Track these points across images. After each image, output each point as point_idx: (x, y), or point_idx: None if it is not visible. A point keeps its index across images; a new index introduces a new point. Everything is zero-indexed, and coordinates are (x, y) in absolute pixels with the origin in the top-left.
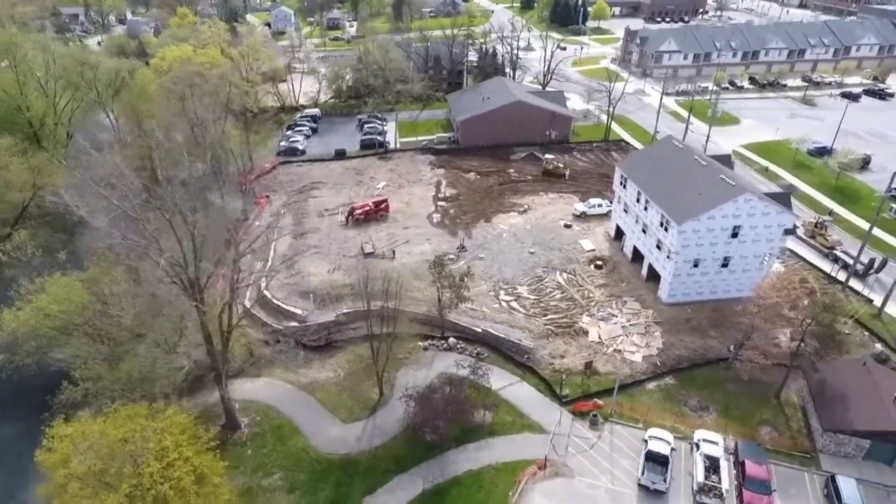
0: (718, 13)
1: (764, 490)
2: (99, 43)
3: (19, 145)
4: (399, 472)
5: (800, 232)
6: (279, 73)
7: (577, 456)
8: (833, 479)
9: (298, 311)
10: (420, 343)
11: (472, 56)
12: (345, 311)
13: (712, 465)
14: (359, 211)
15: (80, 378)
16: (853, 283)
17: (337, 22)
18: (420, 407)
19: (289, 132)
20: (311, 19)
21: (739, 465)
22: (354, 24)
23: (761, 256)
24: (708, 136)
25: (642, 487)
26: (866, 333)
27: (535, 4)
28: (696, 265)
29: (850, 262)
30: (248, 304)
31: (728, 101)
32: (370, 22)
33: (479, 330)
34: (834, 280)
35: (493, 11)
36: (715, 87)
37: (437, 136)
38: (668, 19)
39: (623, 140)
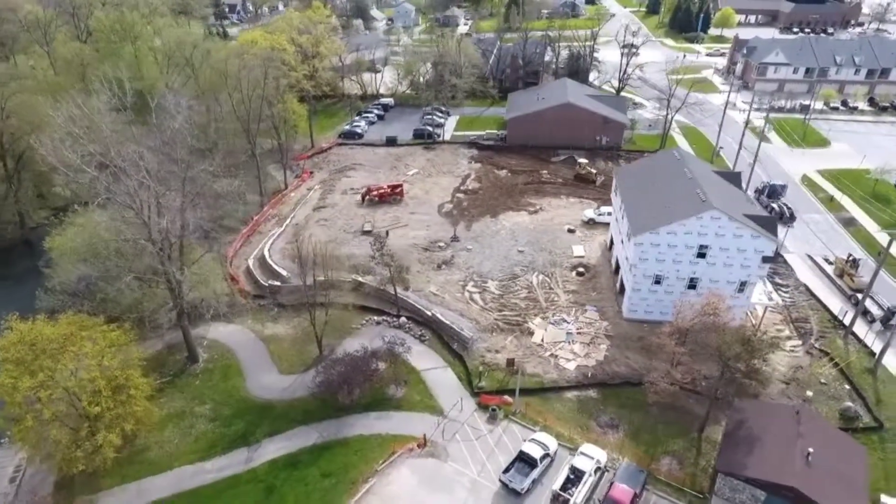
0: (876, 25)
1: None
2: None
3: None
4: (302, 423)
5: (829, 269)
6: (363, 64)
7: (461, 444)
8: None
9: (283, 273)
10: (374, 317)
11: (549, 57)
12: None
13: (576, 478)
14: (374, 192)
15: (57, 290)
16: (863, 329)
17: (450, 19)
18: (329, 370)
19: (357, 117)
20: (432, 16)
21: (609, 485)
22: (469, 22)
23: (736, 283)
24: (756, 157)
25: (504, 485)
26: (847, 386)
27: (660, 9)
28: (657, 282)
29: (877, 309)
30: (250, 262)
31: (826, 122)
32: (482, 21)
33: (429, 314)
34: (839, 324)
35: (613, 15)
36: (821, 106)
37: (487, 132)
38: (807, 30)
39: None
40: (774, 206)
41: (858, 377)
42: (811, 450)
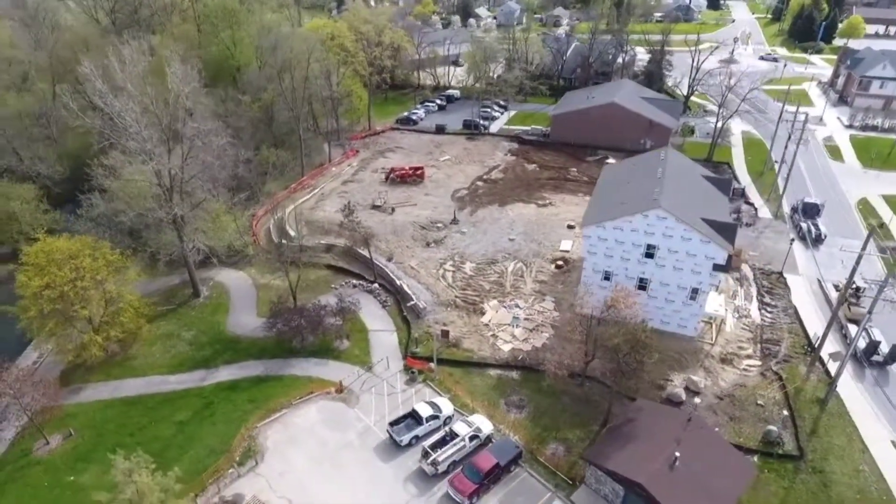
0: None
1: (474, 477)
2: None
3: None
4: (255, 358)
5: (832, 294)
6: (438, 58)
7: (373, 396)
8: None
9: (292, 233)
10: (353, 280)
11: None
12: (322, 241)
13: (449, 440)
14: (396, 172)
15: (85, 217)
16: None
17: (556, 19)
18: (284, 317)
19: (418, 106)
20: (538, 16)
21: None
22: (574, 23)
23: (687, 289)
24: (790, 170)
25: (390, 436)
26: (785, 412)
27: (783, 17)
28: (607, 278)
29: (863, 342)
30: (272, 221)
31: None
32: (584, 22)
33: (398, 283)
34: (811, 348)
35: (733, 21)
36: None
37: (532, 127)
38: None
39: (727, 163)
40: (803, 225)
41: (804, 405)
42: (678, 454)
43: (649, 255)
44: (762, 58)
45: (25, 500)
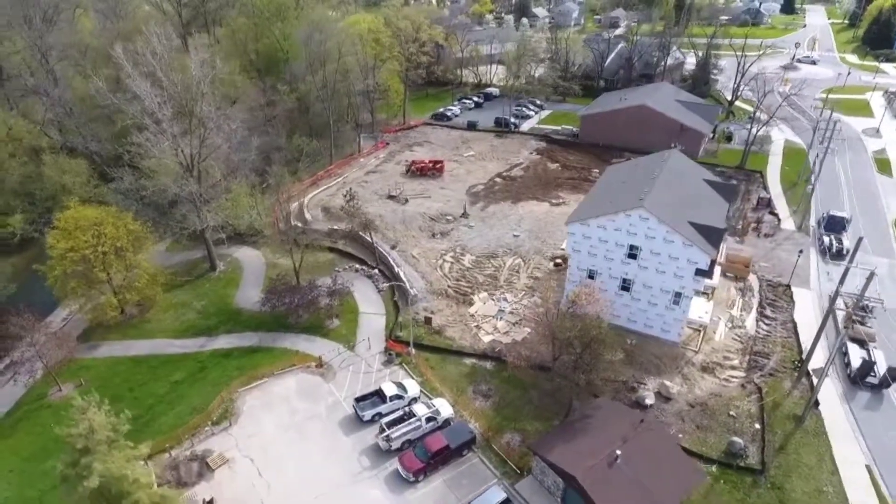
0: None
1: (422, 456)
2: None
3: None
4: (252, 330)
5: (840, 312)
6: (477, 55)
7: (350, 373)
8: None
9: (308, 217)
10: (356, 265)
11: (673, 61)
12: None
13: (406, 419)
14: (416, 165)
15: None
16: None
17: (614, 21)
18: (280, 294)
19: (455, 103)
20: (597, 17)
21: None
22: (634, 24)
23: (670, 293)
24: (816, 181)
25: (355, 412)
26: (757, 426)
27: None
28: (591, 276)
29: (857, 359)
30: (294, 205)
31: None
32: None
33: (396, 270)
34: (800, 363)
35: (804, 26)
36: None
37: (562, 127)
38: None
39: (760, 172)
40: (825, 238)
41: (779, 421)
42: (619, 452)
43: (632, 256)
44: (799, 60)
45: (33, 437)
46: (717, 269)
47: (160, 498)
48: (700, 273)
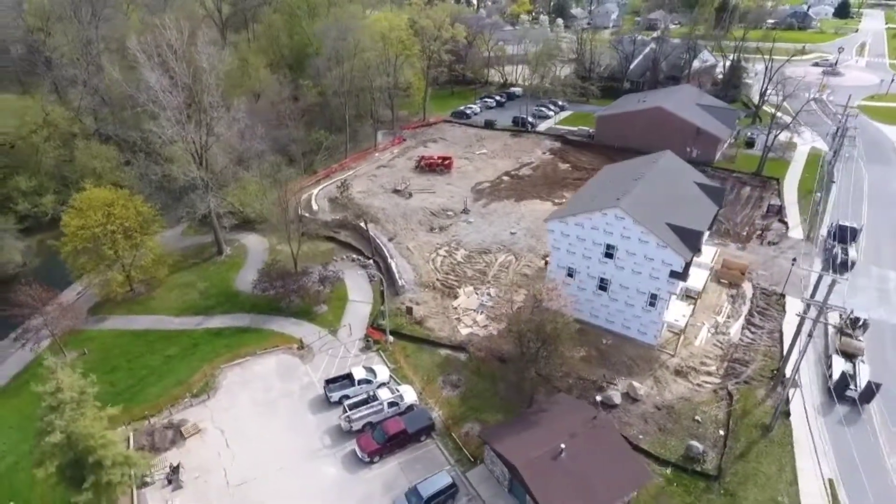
0: None
1: (379, 438)
2: None
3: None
4: (245, 312)
5: (832, 323)
6: (504, 55)
7: (328, 356)
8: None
9: (315, 208)
10: (353, 255)
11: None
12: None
13: (368, 402)
14: (426, 160)
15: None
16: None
17: (652, 22)
18: (270, 280)
19: (476, 101)
20: (637, 18)
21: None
22: (673, 25)
23: (647, 294)
24: (825, 192)
25: (325, 394)
26: (721, 432)
27: None
28: (570, 275)
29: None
30: (304, 195)
31: None
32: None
33: (389, 262)
34: (777, 373)
35: (856, 31)
36: None
37: (578, 127)
38: None
39: (776, 179)
40: (833, 249)
41: (746, 429)
42: (563, 446)
43: (609, 256)
44: (816, 64)
45: (35, 397)
46: (705, 274)
47: (124, 458)
48: (674, 275)
